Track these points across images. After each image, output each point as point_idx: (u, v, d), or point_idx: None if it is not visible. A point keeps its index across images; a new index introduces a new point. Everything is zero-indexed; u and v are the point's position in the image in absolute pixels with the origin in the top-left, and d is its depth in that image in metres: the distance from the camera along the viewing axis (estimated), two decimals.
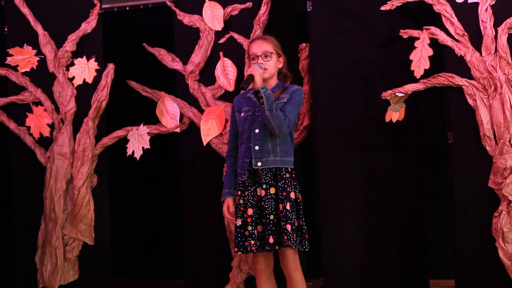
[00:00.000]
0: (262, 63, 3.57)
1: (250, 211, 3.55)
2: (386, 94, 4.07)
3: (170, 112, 4.44)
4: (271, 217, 3.51)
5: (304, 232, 3.55)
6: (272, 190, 3.54)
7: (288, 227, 3.47)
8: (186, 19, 4.44)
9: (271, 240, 3.48)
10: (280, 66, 3.67)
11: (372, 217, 4.26)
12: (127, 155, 4.42)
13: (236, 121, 3.72)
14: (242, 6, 4.35)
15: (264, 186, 3.55)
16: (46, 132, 4.56)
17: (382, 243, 4.25)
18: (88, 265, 4.53)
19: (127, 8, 5.07)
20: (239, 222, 3.58)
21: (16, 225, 4.62)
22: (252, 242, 3.52)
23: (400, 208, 4.25)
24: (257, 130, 3.57)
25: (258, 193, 3.57)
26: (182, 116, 4.45)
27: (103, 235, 4.52)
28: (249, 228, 3.53)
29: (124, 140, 4.46)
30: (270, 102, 3.46)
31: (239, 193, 3.62)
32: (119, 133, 4.48)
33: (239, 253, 3.59)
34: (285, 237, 3.46)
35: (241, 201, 3.60)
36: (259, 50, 3.60)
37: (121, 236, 5.30)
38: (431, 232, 4.72)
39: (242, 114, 3.66)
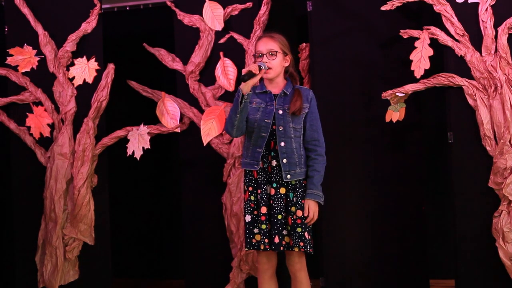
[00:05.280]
0: (266, 62, 3.51)
1: (264, 209, 3.50)
2: (386, 94, 4.08)
3: (170, 112, 4.44)
4: (279, 217, 3.48)
5: (312, 235, 3.55)
6: (282, 190, 3.50)
7: (306, 234, 3.47)
8: (186, 19, 4.44)
9: (276, 239, 3.46)
10: (286, 65, 3.60)
11: (372, 217, 4.26)
12: (127, 155, 4.42)
13: None
14: (242, 6, 4.36)
15: (274, 185, 3.51)
16: (46, 132, 4.56)
17: (382, 243, 4.25)
18: (88, 265, 4.52)
19: (127, 8, 5.07)
20: (248, 218, 3.54)
21: (16, 225, 4.62)
22: (266, 240, 3.49)
23: (400, 208, 4.25)
24: (282, 144, 3.50)
25: (268, 191, 3.53)
26: (182, 116, 4.45)
27: (103, 235, 4.52)
28: (263, 226, 3.49)
29: (124, 140, 4.46)
30: (320, 185, 3.53)
31: (250, 189, 3.56)
32: (119, 133, 4.48)
33: (246, 249, 3.54)
34: (302, 244, 3.45)
35: (252, 198, 3.55)
36: (264, 48, 3.54)
37: (121, 236, 5.30)
38: (431, 232, 4.72)
39: (254, 104, 3.56)
